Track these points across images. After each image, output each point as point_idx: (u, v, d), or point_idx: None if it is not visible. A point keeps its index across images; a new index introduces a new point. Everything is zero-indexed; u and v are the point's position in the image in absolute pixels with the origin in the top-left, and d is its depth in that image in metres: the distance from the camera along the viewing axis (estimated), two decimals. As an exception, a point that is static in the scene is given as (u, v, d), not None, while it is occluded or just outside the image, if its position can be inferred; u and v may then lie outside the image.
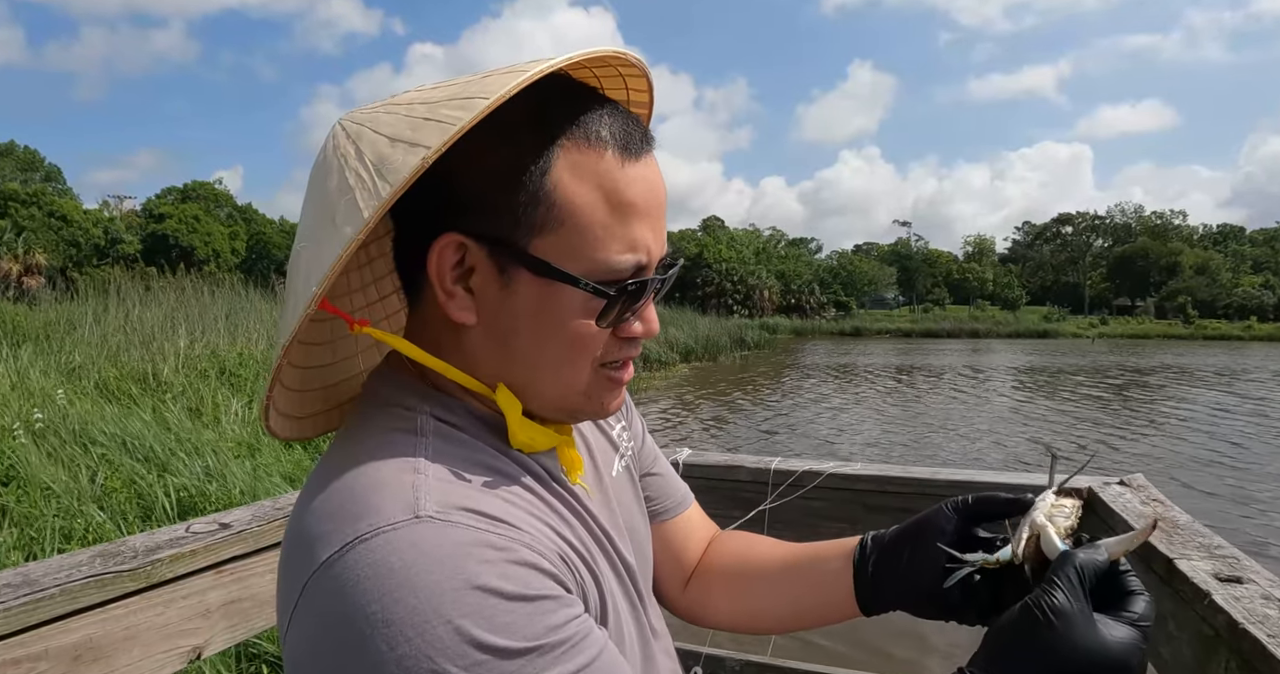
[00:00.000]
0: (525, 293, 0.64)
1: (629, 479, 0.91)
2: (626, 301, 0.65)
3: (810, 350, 37.71)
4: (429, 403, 0.68)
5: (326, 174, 0.63)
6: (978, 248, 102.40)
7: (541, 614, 0.54)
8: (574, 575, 0.62)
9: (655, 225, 0.67)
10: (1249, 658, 0.78)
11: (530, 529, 0.60)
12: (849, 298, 75.34)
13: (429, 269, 0.65)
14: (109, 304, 13.03)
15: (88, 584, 0.99)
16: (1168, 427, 13.76)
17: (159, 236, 56.09)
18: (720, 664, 1.69)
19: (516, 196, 0.62)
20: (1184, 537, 1.08)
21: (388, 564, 0.52)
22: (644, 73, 0.73)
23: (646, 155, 0.67)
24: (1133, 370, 27.20)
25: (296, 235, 0.68)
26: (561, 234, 0.63)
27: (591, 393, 0.70)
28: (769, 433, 12.85)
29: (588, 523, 0.72)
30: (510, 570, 0.54)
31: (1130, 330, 68.86)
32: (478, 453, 0.66)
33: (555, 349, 0.66)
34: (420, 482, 0.59)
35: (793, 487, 1.53)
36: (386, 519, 0.55)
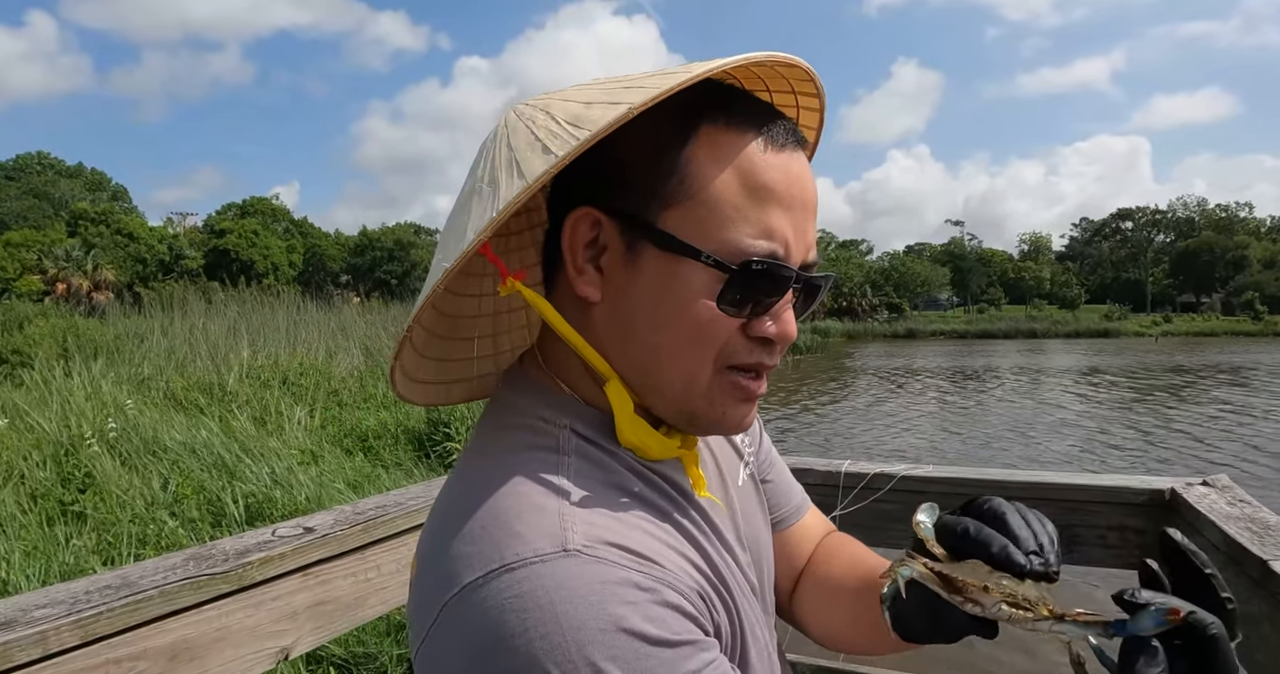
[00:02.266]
0: (649, 270, 0.63)
1: (754, 488, 0.88)
2: (754, 288, 0.63)
3: (863, 354, 37.29)
4: (567, 415, 0.67)
5: (511, 134, 0.64)
6: (1033, 246, 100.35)
7: (681, 660, 0.53)
8: (710, 612, 0.62)
9: (797, 221, 0.64)
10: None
11: (672, 566, 0.59)
12: (901, 299, 74.30)
13: (562, 241, 0.65)
14: (174, 317, 13.44)
15: (184, 586, 1.02)
16: (1242, 428, 13.30)
17: (220, 251, 57.64)
18: (793, 669, 1.68)
19: (652, 172, 0.62)
20: (1276, 538, 1.05)
21: (534, 597, 0.52)
22: (818, 92, 0.73)
23: (793, 150, 0.65)
24: (1201, 369, 26.37)
25: (462, 190, 0.68)
26: (689, 207, 0.62)
27: (714, 397, 0.66)
28: (827, 438, 12.72)
29: (715, 542, 0.70)
30: (655, 612, 0.54)
31: (1196, 328, 66.71)
32: (616, 475, 0.65)
33: (675, 332, 0.63)
34: (566, 510, 0.58)
35: (865, 490, 1.52)
36: (534, 550, 0.54)
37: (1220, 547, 1.10)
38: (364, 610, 1.27)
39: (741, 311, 0.63)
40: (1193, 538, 1.21)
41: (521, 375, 0.73)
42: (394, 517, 1.30)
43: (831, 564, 0.94)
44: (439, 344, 0.77)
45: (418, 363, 0.75)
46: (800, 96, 0.74)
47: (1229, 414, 15.02)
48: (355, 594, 1.25)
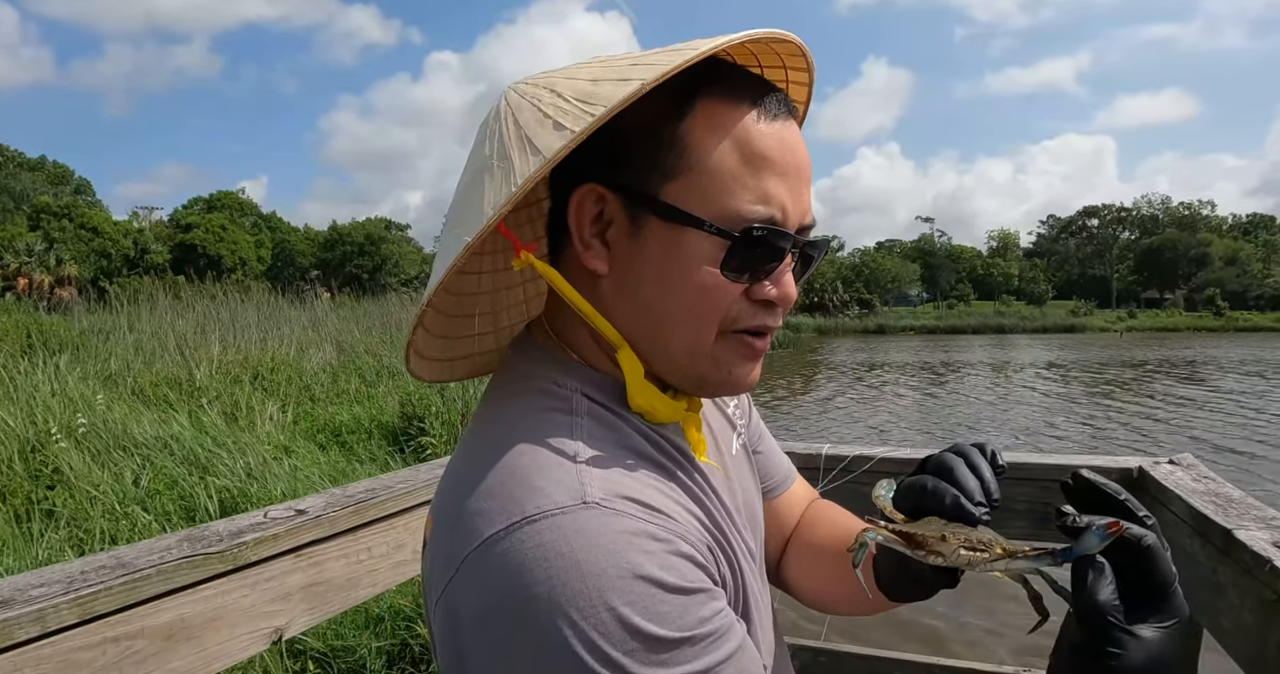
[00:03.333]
0: (654, 241, 0.66)
1: (746, 457, 0.92)
2: (755, 254, 0.65)
3: (835, 349, 37.54)
4: (577, 379, 0.70)
5: (516, 111, 0.66)
6: (1002, 242, 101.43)
7: (694, 606, 0.56)
8: (718, 565, 0.64)
9: (792, 186, 0.67)
10: (1314, 620, 0.80)
11: (683, 520, 0.62)
12: (872, 295, 74.84)
13: (569, 218, 0.67)
14: (141, 313, 13.24)
15: (181, 565, 1.03)
16: (1202, 415, 13.58)
17: (187, 246, 56.82)
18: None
19: (652, 146, 0.64)
20: (1239, 509, 1.10)
21: (555, 547, 0.54)
22: (807, 66, 0.75)
23: (785, 118, 0.68)
24: (1165, 363, 26.86)
25: (467, 168, 0.70)
26: (690, 178, 0.64)
27: (721, 358, 0.69)
28: (801, 430, 12.81)
29: (717, 506, 0.73)
30: (670, 561, 0.56)
31: (1159, 323, 67.88)
32: (627, 437, 0.67)
33: (681, 298, 0.66)
34: (582, 467, 0.60)
35: (844, 472, 1.56)
36: (555, 503, 0.56)
37: (1186, 519, 1.15)
38: (357, 591, 1.28)
39: (743, 277, 0.66)
40: (1160, 512, 1.26)
41: (531, 344, 0.75)
42: (384, 500, 1.32)
43: (816, 529, 0.99)
44: (444, 322, 0.79)
45: (426, 341, 0.77)
46: (790, 71, 0.77)
47: (1184, 404, 15.31)
48: (348, 575, 1.27)
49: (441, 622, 0.59)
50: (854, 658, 1.68)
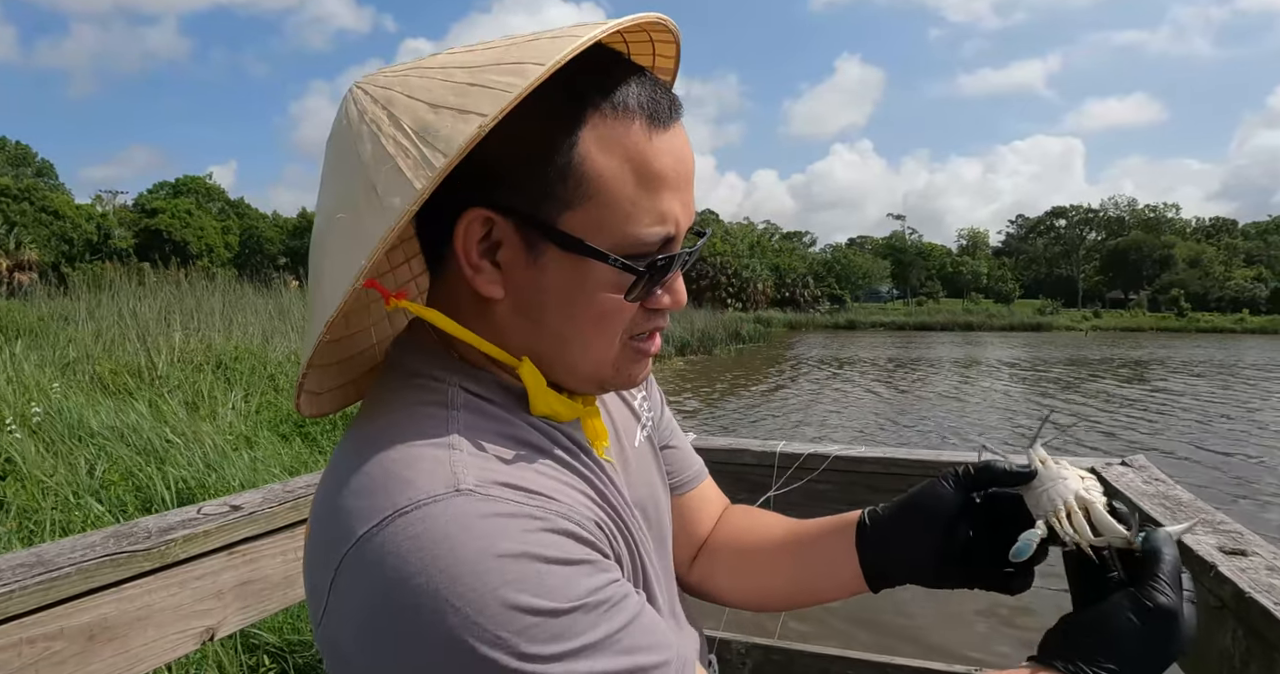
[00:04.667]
0: (554, 268, 0.63)
1: (651, 450, 0.91)
2: (656, 275, 0.65)
3: (805, 343, 37.75)
4: (457, 374, 0.68)
5: (356, 140, 0.61)
6: (971, 241, 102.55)
7: (582, 576, 0.55)
8: (610, 543, 0.63)
9: (684, 197, 0.66)
10: (1255, 625, 0.80)
11: (566, 499, 0.60)
12: (843, 291, 75.44)
13: (456, 243, 0.64)
14: (102, 299, 13.00)
15: (103, 563, 0.99)
16: (1160, 415, 13.81)
17: (152, 231, 55.92)
18: (728, 648, 1.70)
19: (545, 170, 0.61)
20: (1188, 513, 1.10)
21: (430, 536, 0.52)
22: (675, 38, 0.73)
23: (675, 125, 0.65)
24: (1128, 363, 27.31)
25: (322, 205, 0.66)
26: (589, 208, 0.62)
27: (620, 365, 0.70)
28: (766, 424, 12.86)
29: (615, 495, 0.72)
30: (549, 538, 0.55)
31: (1124, 323, 69.04)
32: (509, 426, 0.66)
33: (584, 324, 0.66)
34: (456, 457, 0.58)
35: (799, 470, 1.54)
36: (426, 493, 0.55)
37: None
38: (295, 589, 1.25)
39: (644, 298, 0.66)
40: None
41: (410, 340, 0.73)
42: (326, 495, 1.28)
43: (754, 527, 0.99)
44: (334, 348, 0.77)
45: (320, 376, 0.75)
46: (658, 43, 0.74)
47: (1153, 404, 15.56)
48: (285, 573, 1.23)
49: (325, 629, 0.57)
50: (808, 657, 1.67)
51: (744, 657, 1.68)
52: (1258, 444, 10.97)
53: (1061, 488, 0.75)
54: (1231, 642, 0.85)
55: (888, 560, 0.84)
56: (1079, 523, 0.72)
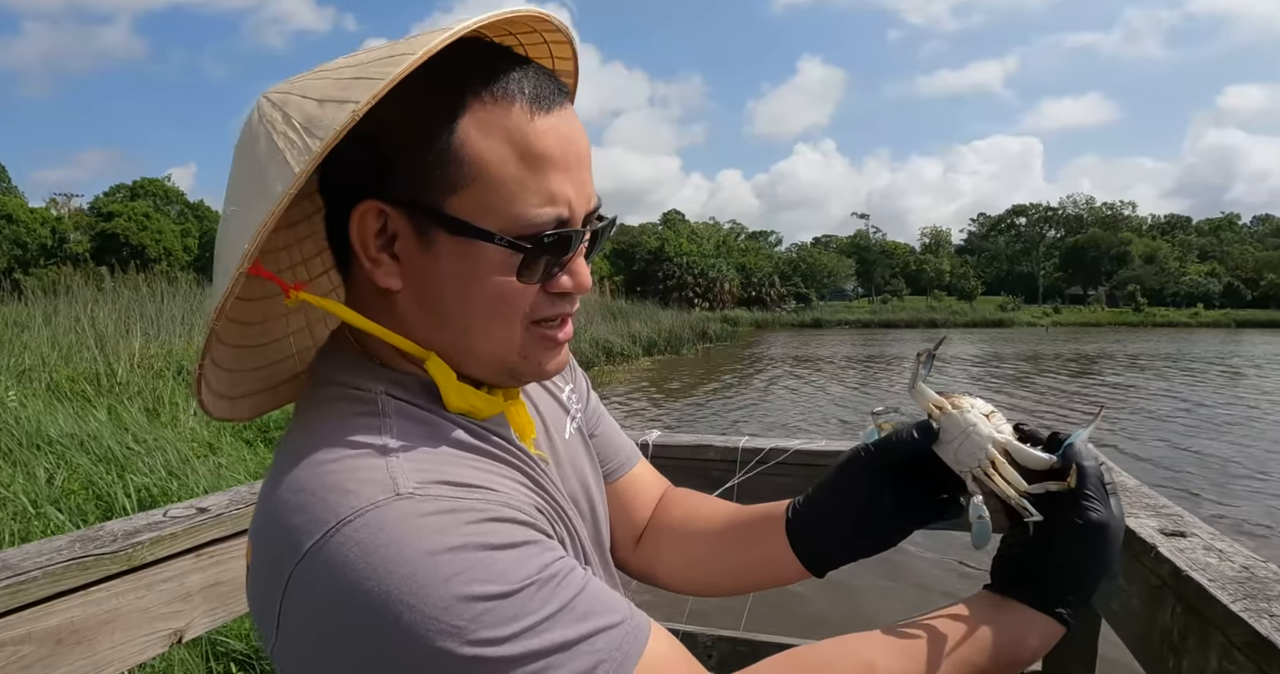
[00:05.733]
0: (446, 253, 0.64)
1: (581, 441, 0.93)
2: (548, 256, 0.66)
3: (772, 342, 37.97)
4: (382, 381, 0.69)
5: (253, 141, 0.63)
6: (934, 239, 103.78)
7: (529, 557, 0.57)
8: (552, 526, 0.65)
9: (575, 178, 0.66)
10: (1193, 602, 0.84)
11: (504, 489, 0.62)
12: (809, 290, 75.91)
13: (351, 237, 0.65)
14: (59, 305, 12.73)
15: (70, 567, 1.00)
16: (1121, 405, 14.09)
17: (108, 235, 54.71)
18: (693, 641, 1.72)
19: (427, 157, 0.62)
20: (1131, 498, 1.14)
21: (375, 542, 0.53)
22: (568, 38, 0.74)
23: (560, 108, 0.66)
24: (1085, 357, 27.80)
25: (224, 204, 0.68)
26: (474, 191, 0.63)
27: (528, 352, 0.70)
28: (733, 421, 12.93)
29: (547, 489, 0.73)
30: (492, 527, 0.57)
31: (1083, 318, 70.30)
32: (440, 428, 0.67)
33: (482, 308, 0.66)
34: (393, 462, 0.59)
35: (760, 464, 1.57)
36: (367, 500, 0.56)
37: (1083, 508, 1.19)
38: (262, 591, 1.25)
39: (538, 278, 0.67)
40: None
41: (334, 350, 0.74)
42: (293, 496, 1.29)
43: (696, 513, 1.00)
44: (250, 354, 0.77)
45: (236, 380, 0.76)
46: (553, 46, 0.75)
47: (1113, 396, 15.87)
48: (253, 574, 1.23)
49: (283, 647, 0.57)
50: (773, 647, 1.69)
51: (710, 649, 1.70)
52: (1203, 438, 11.22)
53: (976, 438, 0.75)
54: (1171, 618, 0.89)
55: (817, 545, 0.86)
56: (1009, 474, 0.73)
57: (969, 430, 0.76)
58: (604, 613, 0.59)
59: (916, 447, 0.80)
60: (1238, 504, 7.49)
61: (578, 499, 0.85)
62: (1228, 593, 0.79)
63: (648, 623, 0.62)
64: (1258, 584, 0.81)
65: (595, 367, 18.70)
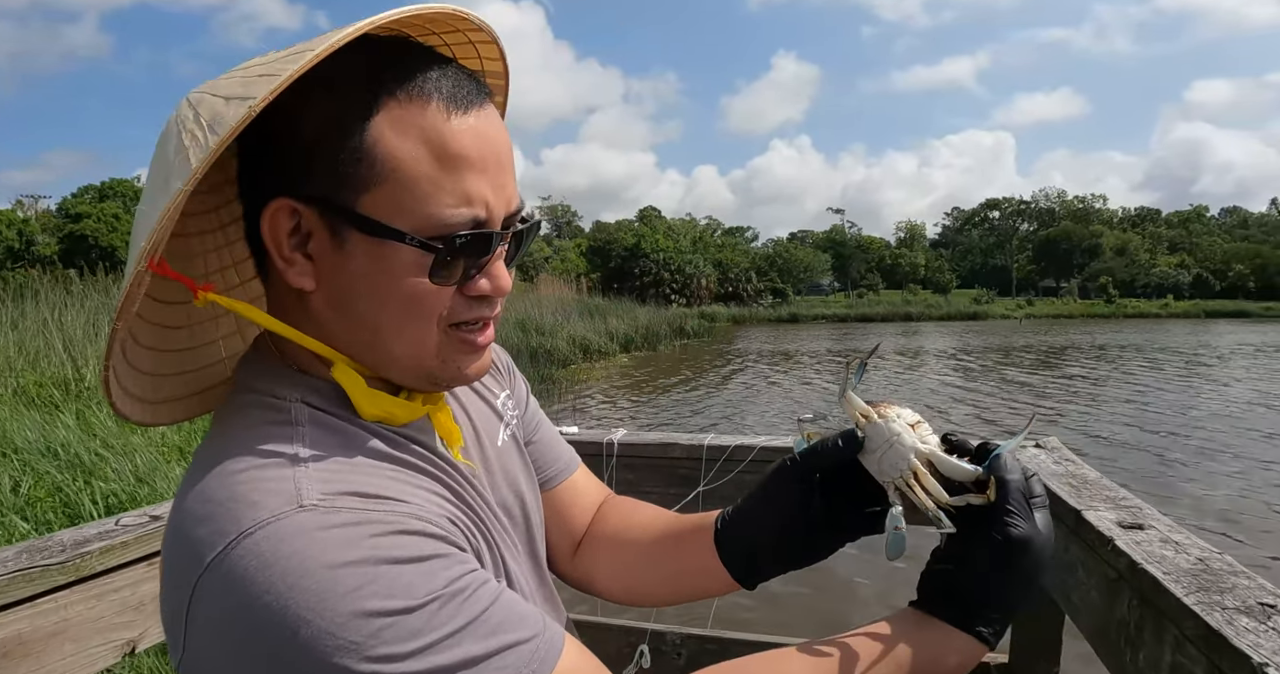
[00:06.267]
0: (359, 253, 0.63)
1: (516, 448, 0.91)
2: (463, 257, 0.64)
3: (749, 337, 38.05)
4: (300, 389, 0.67)
5: (166, 140, 0.63)
6: (909, 233, 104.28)
7: (436, 571, 0.56)
8: (468, 539, 0.64)
9: (494, 179, 0.65)
10: (1148, 595, 0.84)
11: (416, 500, 0.61)
12: (785, 285, 76.13)
13: (265, 238, 0.64)
14: (26, 308, 12.52)
15: (14, 579, 0.97)
16: (1090, 398, 14.25)
17: (77, 237, 53.86)
18: (661, 639, 1.72)
19: (339, 154, 0.61)
20: (1092, 491, 1.15)
21: (274, 555, 0.52)
22: (493, 38, 0.72)
23: (480, 108, 0.65)
24: (1056, 348, 28.10)
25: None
26: (387, 190, 0.62)
27: (445, 356, 0.69)
28: (710, 418, 12.95)
29: (472, 496, 0.72)
30: (398, 540, 0.56)
31: (1055, 310, 70.95)
32: (356, 437, 0.66)
33: (395, 310, 0.65)
34: (300, 473, 0.58)
35: (728, 462, 1.57)
36: (269, 512, 0.55)
37: (1043, 501, 1.19)
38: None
39: (454, 280, 0.65)
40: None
41: (254, 358, 0.73)
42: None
43: (633, 522, 0.99)
44: (174, 358, 0.76)
45: (160, 384, 0.74)
46: (479, 46, 0.74)
47: (1082, 388, 16.05)
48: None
49: (189, 659, 0.56)
50: (743, 645, 1.69)
51: (678, 647, 1.70)
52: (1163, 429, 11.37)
53: (900, 448, 0.75)
54: (1128, 611, 0.90)
55: (745, 557, 0.85)
56: (930, 485, 0.73)
57: (892, 440, 0.75)
58: (515, 628, 0.58)
59: (841, 456, 0.79)
60: (1200, 489, 7.59)
61: (510, 507, 0.84)
62: (1182, 586, 0.79)
63: (562, 637, 0.61)
64: (1211, 576, 0.82)
65: (573, 364, 18.66)
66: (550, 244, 72.23)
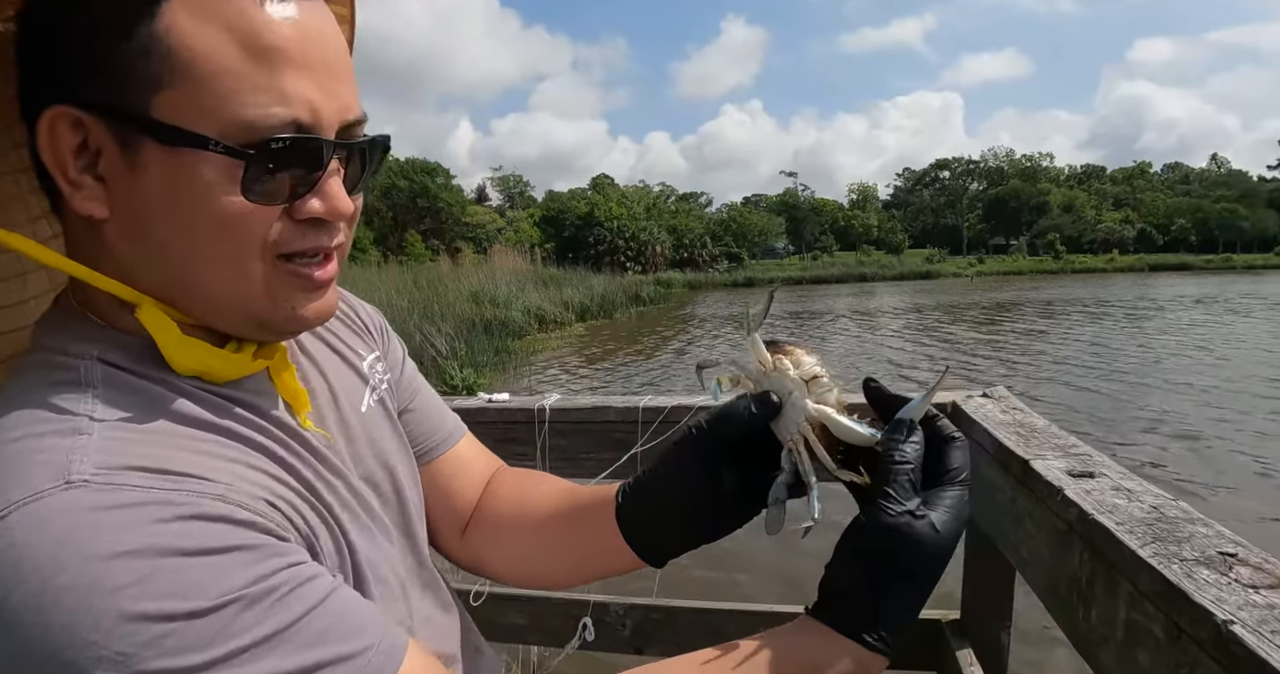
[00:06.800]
0: (156, 168, 0.53)
1: (385, 416, 0.81)
2: (286, 170, 0.55)
3: (705, 302, 38.06)
4: (100, 345, 0.57)
5: None
6: (861, 195, 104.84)
7: (238, 566, 0.46)
8: (294, 522, 0.54)
9: (322, 80, 0.55)
10: (1100, 547, 0.78)
11: (224, 477, 0.51)
12: (740, 249, 76.23)
13: (42, 155, 0.54)
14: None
15: None
16: (1040, 351, 14.50)
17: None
18: (605, 610, 1.65)
19: (125, 48, 0.51)
20: (1040, 439, 1.09)
21: (29, 543, 0.43)
22: None
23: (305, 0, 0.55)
24: (998, 305, 28.55)
25: None
26: (184, 89, 0.51)
27: (276, 293, 0.58)
28: (667, 381, 12.94)
29: (312, 468, 0.62)
30: (190, 527, 0.46)
31: (1005, 267, 72.11)
32: (159, 400, 0.55)
33: (205, 235, 0.54)
34: (80, 443, 0.49)
35: (664, 424, 1.49)
36: (31, 490, 0.45)
37: (990, 451, 1.13)
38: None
39: (276, 197, 0.55)
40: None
41: (52, 313, 0.63)
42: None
43: (526, 497, 0.89)
44: None
45: None
46: None
47: (1034, 343, 16.33)
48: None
49: None
50: (689, 612, 1.64)
51: (623, 618, 1.64)
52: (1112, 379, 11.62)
53: (792, 409, 0.66)
54: (1079, 564, 0.84)
55: (650, 535, 0.76)
56: (821, 454, 0.65)
57: (783, 398, 0.66)
58: (344, 638, 0.49)
59: (754, 424, 0.69)
60: (1137, 440, 7.75)
61: (378, 482, 0.74)
62: (1136, 537, 0.73)
63: (403, 648, 0.53)
64: (1167, 525, 0.76)
65: (528, 335, 18.48)
66: (503, 215, 71.46)
